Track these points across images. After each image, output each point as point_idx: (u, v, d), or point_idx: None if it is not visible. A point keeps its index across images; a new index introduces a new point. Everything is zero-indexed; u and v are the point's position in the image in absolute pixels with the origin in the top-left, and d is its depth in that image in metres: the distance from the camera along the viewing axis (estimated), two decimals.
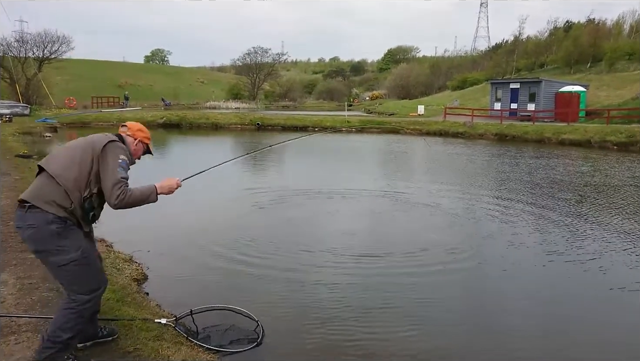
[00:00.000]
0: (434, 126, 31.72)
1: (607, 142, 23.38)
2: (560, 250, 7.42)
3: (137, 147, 3.71)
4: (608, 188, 12.88)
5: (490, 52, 79.26)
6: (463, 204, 10.79)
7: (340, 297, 5.55)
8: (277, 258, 6.89)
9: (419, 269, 6.54)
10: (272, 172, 16.22)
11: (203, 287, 5.81)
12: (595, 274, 6.49)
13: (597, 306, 5.58)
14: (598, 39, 49.88)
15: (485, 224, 8.98)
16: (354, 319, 5.04)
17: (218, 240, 7.54)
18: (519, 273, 6.57)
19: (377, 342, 4.58)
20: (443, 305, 5.51)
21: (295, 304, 5.38)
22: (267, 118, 36.16)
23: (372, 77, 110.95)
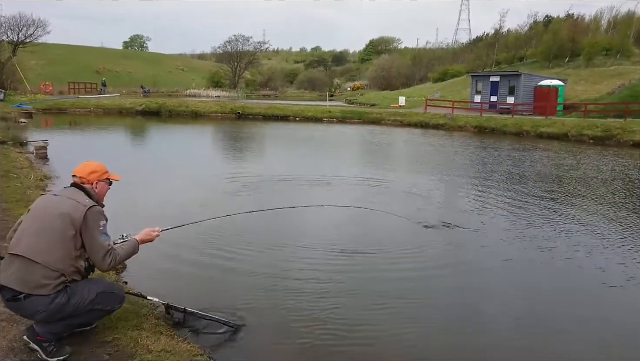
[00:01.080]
0: (414, 117, 31.87)
1: (583, 135, 23.79)
2: (549, 245, 7.52)
3: (99, 188, 3.64)
4: (586, 180, 13.12)
5: (471, 44, 79.69)
6: (445, 196, 10.89)
7: (324, 294, 5.45)
8: (258, 253, 6.87)
9: (404, 265, 6.47)
10: (252, 161, 16.13)
11: (179, 280, 5.71)
12: (582, 267, 6.61)
13: (592, 302, 5.62)
14: (576, 34, 50.46)
15: (470, 219, 9.00)
16: (340, 317, 4.95)
17: (198, 230, 7.47)
18: (507, 267, 6.60)
19: (362, 341, 4.56)
20: (430, 302, 5.42)
21: (279, 302, 5.29)
22: (248, 107, 35.91)
23: (353, 67, 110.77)
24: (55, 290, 3.22)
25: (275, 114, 34.18)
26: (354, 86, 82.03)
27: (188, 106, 35.36)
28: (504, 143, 22.47)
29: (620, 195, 11.33)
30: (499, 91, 36.77)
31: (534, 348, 4.51)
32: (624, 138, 22.36)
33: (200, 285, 5.61)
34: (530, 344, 4.57)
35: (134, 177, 11.06)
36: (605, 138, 22.96)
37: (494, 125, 27.93)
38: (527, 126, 26.51)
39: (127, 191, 9.13)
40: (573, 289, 5.90)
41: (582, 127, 24.54)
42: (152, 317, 4.21)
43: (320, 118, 33.58)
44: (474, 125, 28.77)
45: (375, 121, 32.17)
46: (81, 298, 3.35)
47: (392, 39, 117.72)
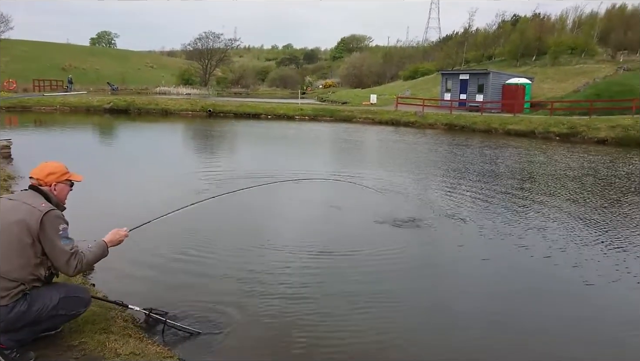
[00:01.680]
0: (386, 115, 32.09)
1: (550, 133, 24.35)
2: (525, 243, 7.66)
3: (59, 191, 3.48)
4: (557, 177, 13.43)
5: (441, 43, 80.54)
6: (420, 194, 10.99)
7: (297, 297, 5.40)
8: (229, 254, 6.82)
9: (379, 264, 6.45)
10: (223, 159, 15.99)
11: (149, 284, 5.60)
12: (558, 265, 6.76)
13: (568, 300, 5.67)
14: (543, 34, 51.59)
15: (446, 217, 9.09)
16: (312, 319, 4.95)
17: (168, 230, 7.38)
18: (483, 266, 6.68)
19: (336, 343, 4.57)
20: (405, 303, 5.37)
21: (250, 304, 5.27)
22: (219, 105, 35.59)
23: (325, 65, 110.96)
24: (13, 300, 3.13)
25: (246, 112, 33.95)
26: (325, 84, 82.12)
27: (158, 104, 34.82)
28: (474, 140, 22.84)
29: (591, 191, 11.62)
30: (468, 89, 37.32)
31: (511, 347, 4.54)
32: (588, 135, 22.96)
33: (171, 288, 5.51)
34: (507, 344, 4.61)
35: (100, 178, 10.86)
36: (571, 135, 23.54)
37: (464, 123, 28.35)
38: (495, 123, 26.98)
39: (93, 192, 8.96)
40: (549, 288, 5.92)
41: (548, 124, 25.10)
42: (120, 320, 4.13)
43: (292, 116, 33.52)
44: (444, 123, 29.14)
45: (347, 119, 32.27)
46: (43, 305, 3.25)
47: (363, 37, 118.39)
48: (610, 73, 39.14)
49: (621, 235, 7.97)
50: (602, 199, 10.74)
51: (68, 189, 3.58)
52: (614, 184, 12.51)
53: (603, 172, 14.27)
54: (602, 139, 22.29)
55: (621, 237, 7.87)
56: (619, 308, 5.41)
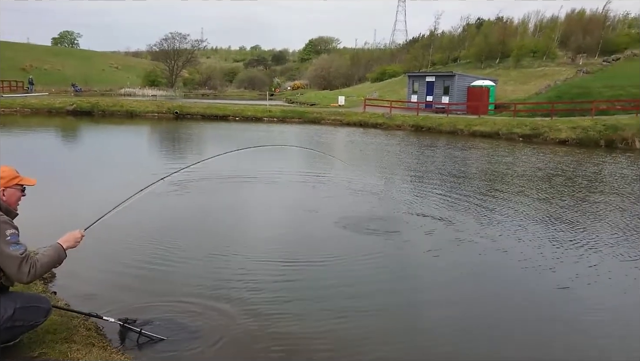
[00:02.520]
0: (354, 117, 32.29)
1: (513, 134, 24.93)
2: (498, 246, 7.79)
3: (8, 196, 3.33)
4: (525, 177, 13.74)
5: (407, 45, 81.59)
6: (390, 197, 11.06)
7: (263, 303, 5.36)
8: (195, 255, 6.73)
9: (347, 270, 6.43)
10: (188, 160, 15.77)
11: (110, 289, 5.46)
12: (532, 268, 6.89)
13: (541, 303, 5.79)
14: (506, 37, 52.83)
15: (416, 220, 9.09)
16: (280, 325, 4.95)
17: (128, 233, 7.24)
18: (454, 269, 6.75)
19: (305, 349, 4.56)
20: (372, 308, 5.32)
21: (216, 311, 5.20)
22: (186, 106, 35.16)
23: (293, 67, 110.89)
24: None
25: (214, 114, 33.64)
26: (294, 86, 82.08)
27: (123, 106, 34.18)
28: (441, 142, 23.19)
29: (559, 190, 11.94)
30: (434, 90, 37.86)
31: (488, 352, 4.54)
32: (550, 136, 23.60)
33: (132, 293, 5.38)
34: (483, 349, 4.59)
35: (58, 181, 10.60)
36: (533, 136, 24.17)
37: (430, 124, 28.75)
38: (461, 125, 27.46)
39: (51, 196, 8.74)
40: (523, 291, 5.93)
41: (512, 125, 25.69)
42: (83, 328, 4.02)
43: (261, 118, 33.36)
44: (411, 124, 29.50)
45: (316, 121, 32.35)
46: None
47: (331, 39, 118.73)
48: (571, 76, 40.36)
49: (593, 235, 8.17)
50: (570, 198, 11.04)
51: (19, 194, 3.42)
52: (580, 184, 12.89)
53: (569, 173, 14.69)
54: (563, 140, 22.96)
55: (594, 237, 8.05)
56: (593, 311, 5.48)
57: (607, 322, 5.20)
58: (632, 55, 44.07)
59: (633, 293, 5.90)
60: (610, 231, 8.41)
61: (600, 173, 14.83)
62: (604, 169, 15.55)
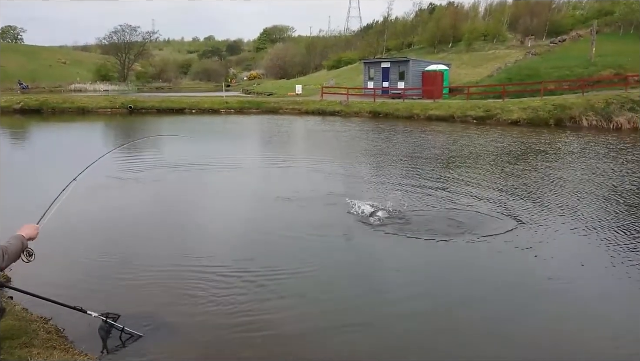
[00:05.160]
0: (311, 105, 32.34)
1: (467, 116, 25.50)
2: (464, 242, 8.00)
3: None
4: (481, 156, 14.13)
5: (362, 32, 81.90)
6: (354, 184, 11.18)
7: (228, 300, 5.29)
8: (159, 257, 6.67)
9: (309, 263, 6.39)
10: (149, 155, 15.51)
11: (74, 286, 5.40)
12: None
13: (502, 298, 5.86)
14: (457, 21, 53.75)
15: (381, 208, 9.06)
16: (244, 323, 4.89)
17: (90, 231, 7.12)
18: (416, 258, 6.81)
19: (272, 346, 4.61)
20: (333, 301, 5.34)
21: (183, 308, 5.18)
22: (140, 100, 34.39)
23: (249, 57, 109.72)
24: None
25: (170, 107, 33.06)
26: (250, 76, 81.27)
27: (73, 102, 33.16)
28: (398, 126, 23.53)
29: (514, 168, 12.32)
30: (390, 76, 38.19)
31: (445, 346, 4.56)
32: (503, 117, 24.26)
33: (98, 290, 5.33)
34: (440, 344, 4.61)
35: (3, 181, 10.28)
36: (486, 118, 24.79)
37: (387, 110, 29.08)
38: (417, 109, 27.89)
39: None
40: (483, 283, 5.99)
41: (466, 108, 26.27)
42: (43, 331, 3.97)
43: (218, 109, 33.00)
44: (368, 110, 29.76)
45: (274, 110, 32.25)
46: None
47: (285, 27, 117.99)
48: (520, 58, 41.43)
49: (549, 204, 8.57)
50: (524, 174, 11.43)
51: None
52: (532, 161, 13.36)
53: (522, 151, 15.20)
54: (515, 121, 23.65)
55: (549, 206, 8.45)
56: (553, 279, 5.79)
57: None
58: (577, 36, 45.57)
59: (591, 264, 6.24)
60: (563, 202, 8.82)
61: (551, 150, 15.39)
62: (554, 147, 16.15)
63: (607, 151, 15.00)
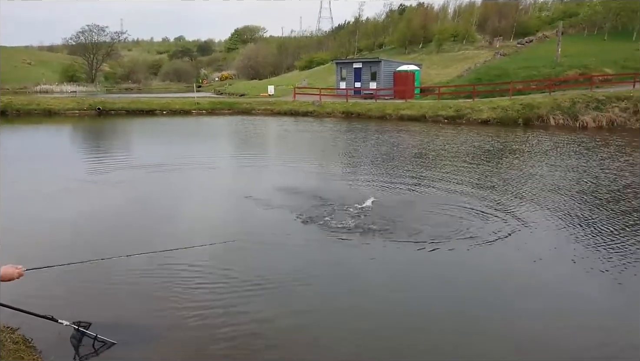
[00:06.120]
0: (284, 106, 32.28)
1: (439, 116, 25.82)
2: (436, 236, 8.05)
3: None
4: (452, 155, 14.31)
5: (333, 32, 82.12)
6: (329, 184, 11.18)
7: (197, 305, 5.21)
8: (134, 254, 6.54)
9: (281, 263, 6.48)
10: (120, 157, 15.24)
11: (45, 295, 5.23)
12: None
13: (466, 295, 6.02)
14: (427, 22, 54.37)
15: (356, 209, 9.19)
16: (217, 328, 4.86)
17: (60, 235, 6.94)
18: (385, 256, 6.86)
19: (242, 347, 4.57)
20: (297, 299, 5.36)
21: (153, 316, 5.08)
22: (109, 102, 33.78)
23: (220, 57, 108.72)
24: None
25: (140, 109, 32.55)
26: (222, 76, 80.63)
27: (39, 104, 32.35)
28: (372, 127, 23.66)
29: (485, 165, 12.51)
30: (362, 77, 38.37)
31: (412, 342, 4.61)
32: (473, 117, 24.65)
33: (66, 298, 5.19)
34: (410, 339, 4.65)
35: None
36: (457, 117, 25.14)
37: (360, 110, 29.23)
38: (389, 109, 28.10)
39: None
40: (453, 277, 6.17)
41: (437, 108, 26.59)
42: (10, 342, 3.85)
43: (189, 111, 32.65)
44: (341, 111, 29.85)
45: (246, 111, 32.09)
46: None
47: (257, 27, 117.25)
48: (489, 58, 42.11)
49: (517, 199, 8.72)
50: (496, 171, 11.62)
51: None
52: (501, 159, 13.60)
53: (493, 149, 15.45)
54: (485, 120, 24.04)
55: (518, 201, 8.60)
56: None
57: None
58: (543, 37, 46.59)
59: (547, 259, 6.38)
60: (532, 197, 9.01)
61: (525, 149, 15.70)
62: (528, 145, 16.46)
63: (580, 149, 15.42)
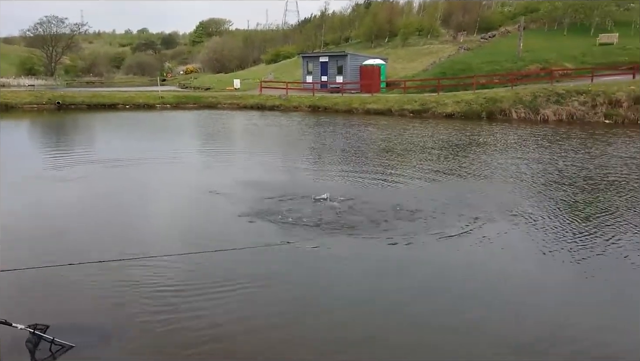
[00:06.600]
0: (250, 99, 32.03)
1: (405, 110, 26.07)
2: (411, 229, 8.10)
3: None
4: (420, 148, 14.45)
5: (300, 26, 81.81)
6: (293, 175, 11.14)
7: (165, 305, 5.14)
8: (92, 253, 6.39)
9: (244, 260, 6.35)
10: (81, 152, 14.84)
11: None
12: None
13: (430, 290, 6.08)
14: (393, 16, 54.74)
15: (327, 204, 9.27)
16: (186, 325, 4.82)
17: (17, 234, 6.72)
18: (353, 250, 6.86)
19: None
20: (268, 297, 5.36)
21: (119, 317, 4.98)
22: (69, 96, 32.85)
23: (185, 50, 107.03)
24: None
25: (101, 103, 31.77)
26: (187, 70, 79.44)
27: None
28: (338, 120, 23.70)
29: (450, 157, 12.69)
30: (328, 71, 38.40)
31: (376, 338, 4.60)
32: (438, 110, 24.98)
33: (21, 300, 5.03)
34: (373, 333, 4.65)
35: None
36: (423, 111, 25.44)
37: (326, 104, 29.26)
38: (356, 103, 28.22)
39: None
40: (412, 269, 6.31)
41: (403, 102, 26.84)
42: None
43: (153, 105, 32.04)
44: (307, 105, 29.82)
45: (212, 105, 31.71)
46: None
47: (222, 20, 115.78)
48: (453, 53, 42.69)
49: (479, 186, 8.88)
50: (459, 162, 11.80)
51: None
52: (466, 150, 13.82)
53: (458, 141, 15.69)
54: (450, 114, 24.41)
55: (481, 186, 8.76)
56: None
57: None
58: (505, 32, 47.47)
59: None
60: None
61: (491, 142, 16.02)
62: (494, 138, 16.79)
63: (544, 142, 15.84)
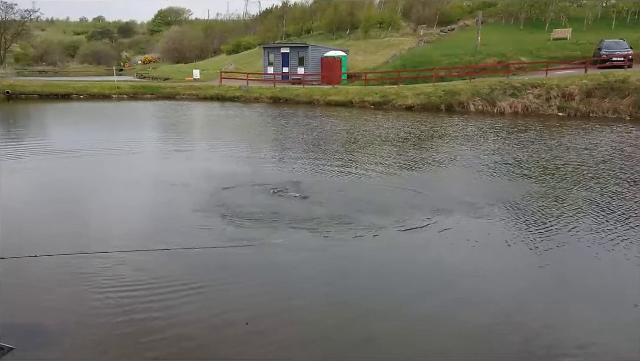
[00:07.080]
0: (210, 90, 31.57)
1: (365, 102, 26.19)
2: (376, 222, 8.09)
3: None
4: (382, 140, 14.54)
5: (261, 17, 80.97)
6: (254, 167, 11.02)
7: (126, 303, 5.06)
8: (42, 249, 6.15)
9: (203, 254, 6.33)
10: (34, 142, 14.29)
11: None
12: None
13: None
14: (354, 9, 54.87)
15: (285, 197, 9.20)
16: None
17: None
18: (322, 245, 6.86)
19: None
20: (237, 289, 5.32)
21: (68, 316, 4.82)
22: (19, 85, 31.61)
23: (143, 39, 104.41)
24: None
25: (54, 92, 30.69)
26: (145, 59, 77.49)
27: None
28: (300, 112, 23.65)
29: (409, 148, 12.81)
30: (289, 62, 38.17)
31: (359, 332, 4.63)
32: (398, 102, 25.20)
33: None
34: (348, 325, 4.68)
35: None
36: (383, 103, 25.63)
37: (288, 95, 29.11)
38: (317, 95, 28.18)
39: None
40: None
41: (364, 94, 26.97)
42: None
43: (109, 95, 31.17)
44: (268, 96, 29.60)
45: (170, 96, 31.11)
46: None
47: (182, 9, 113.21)
48: (413, 45, 43.11)
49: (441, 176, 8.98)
50: (418, 153, 11.94)
51: None
52: (425, 142, 14.00)
53: (417, 133, 15.88)
54: (410, 106, 24.67)
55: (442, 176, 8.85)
56: None
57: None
58: (464, 25, 48.29)
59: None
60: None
61: (452, 133, 16.29)
62: (449, 129, 17.08)
63: (503, 133, 16.26)
